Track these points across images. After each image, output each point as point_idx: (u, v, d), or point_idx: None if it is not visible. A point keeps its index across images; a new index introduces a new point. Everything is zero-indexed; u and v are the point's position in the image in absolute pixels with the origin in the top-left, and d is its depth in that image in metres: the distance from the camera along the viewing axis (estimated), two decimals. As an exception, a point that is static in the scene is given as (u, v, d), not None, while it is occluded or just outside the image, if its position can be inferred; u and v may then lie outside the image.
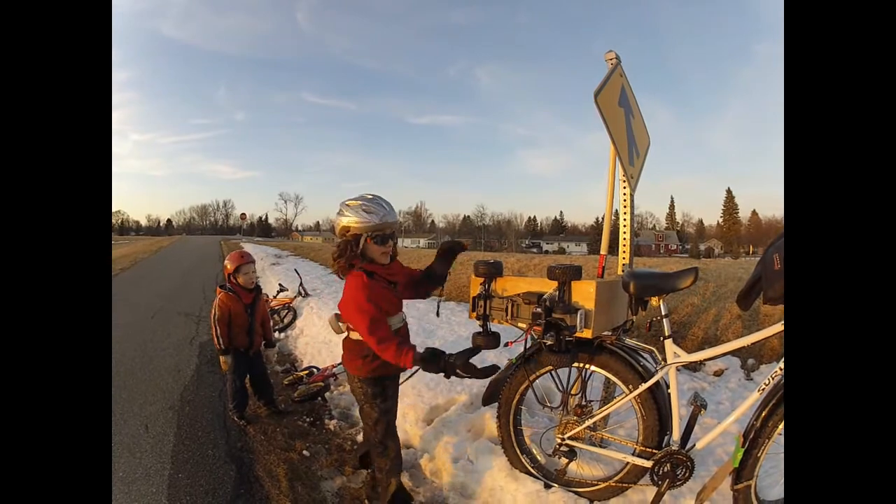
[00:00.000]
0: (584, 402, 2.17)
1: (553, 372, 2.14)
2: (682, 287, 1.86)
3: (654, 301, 1.95)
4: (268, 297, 5.54)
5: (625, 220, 2.49)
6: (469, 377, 1.87)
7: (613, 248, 2.57)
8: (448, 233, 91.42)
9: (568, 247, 75.30)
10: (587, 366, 2.08)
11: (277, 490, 2.41)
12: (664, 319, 1.93)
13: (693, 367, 3.63)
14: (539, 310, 1.94)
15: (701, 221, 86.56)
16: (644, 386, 1.92)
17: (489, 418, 2.70)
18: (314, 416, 3.42)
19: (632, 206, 2.48)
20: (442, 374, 1.88)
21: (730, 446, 1.83)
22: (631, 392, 1.95)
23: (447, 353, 1.91)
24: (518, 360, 2.20)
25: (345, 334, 2.12)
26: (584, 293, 1.93)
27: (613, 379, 2.06)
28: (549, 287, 2.00)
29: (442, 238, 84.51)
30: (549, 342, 1.90)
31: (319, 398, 3.65)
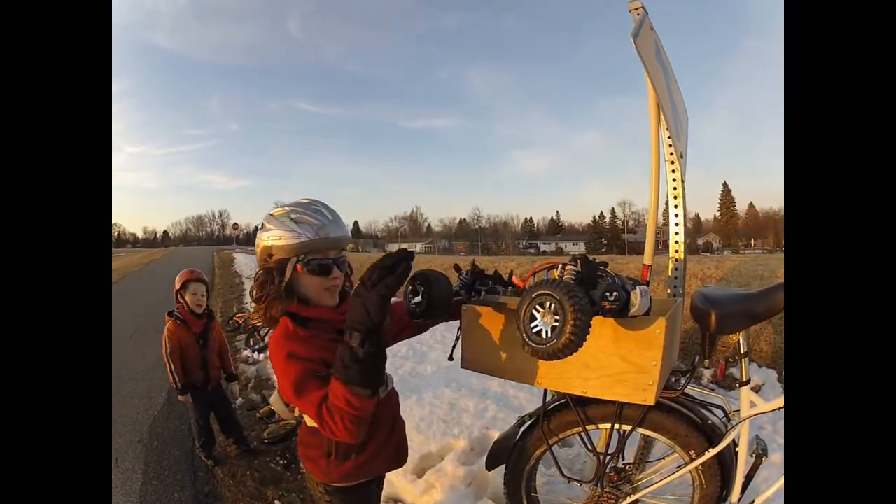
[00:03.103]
0: (620, 467, 1.77)
1: (585, 433, 1.72)
2: (776, 311, 1.44)
3: (733, 336, 1.53)
4: (248, 314, 5.41)
5: (676, 215, 1.97)
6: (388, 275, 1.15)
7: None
8: (445, 236, 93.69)
9: (566, 246, 78.09)
10: (633, 428, 1.64)
11: (241, 547, 2.26)
12: (743, 360, 1.55)
13: (727, 385, 3.39)
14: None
15: (697, 216, 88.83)
16: (711, 453, 1.53)
17: (495, 472, 2.33)
18: (289, 458, 3.19)
19: (683, 194, 1.96)
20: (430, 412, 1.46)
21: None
22: (693, 460, 1.56)
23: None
24: (533, 418, 1.83)
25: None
26: (646, 336, 1.35)
27: (669, 444, 1.63)
28: None
29: (439, 242, 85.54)
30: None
31: (294, 437, 3.47)
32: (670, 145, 1.88)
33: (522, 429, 1.87)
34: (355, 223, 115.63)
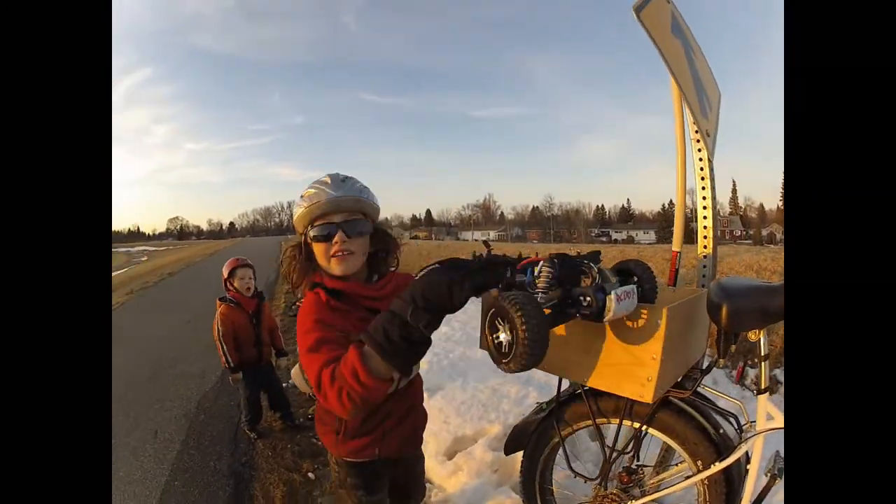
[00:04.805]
0: (634, 467, 1.67)
1: (595, 427, 1.67)
2: None
3: (752, 335, 1.38)
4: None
5: (703, 197, 1.86)
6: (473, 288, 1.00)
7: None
8: (518, 224, 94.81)
9: (636, 235, 77.87)
10: (642, 426, 1.57)
11: (269, 513, 2.40)
12: (763, 363, 1.42)
13: (743, 383, 3.22)
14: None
15: (762, 205, 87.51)
16: (719, 466, 1.43)
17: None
18: (331, 434, 3.39)
19: (711, 176, 1.84)
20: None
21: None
22: (699, 472, 1.47)
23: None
24: (549, 407, 1.81)
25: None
26: (646, 325, 1.31)
27: (678, 449, 1.56)
28: None
29: (512, 230, 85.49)
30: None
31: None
32: (694, 122, 1.76)
33: (540, 416, 1.84)
34: (427, 211, 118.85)
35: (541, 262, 1.21)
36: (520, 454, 1.94)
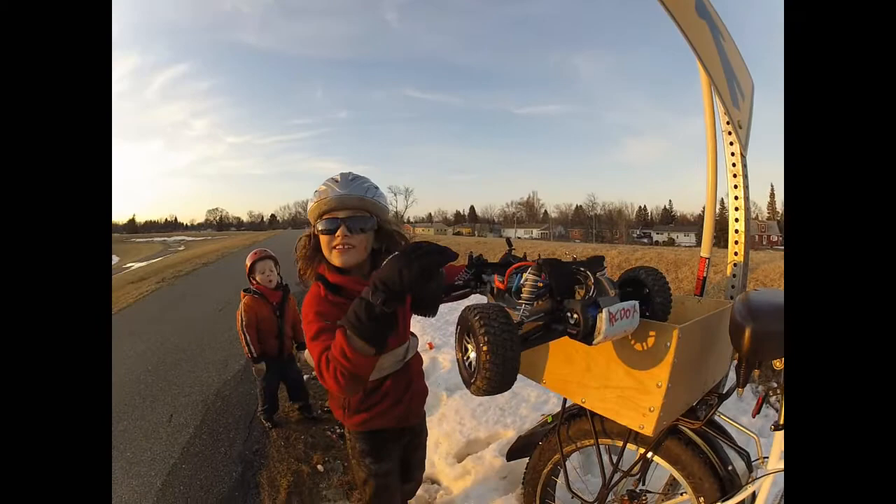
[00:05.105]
0: (638, 491, 1.59)
1: (597, 448, 1.59)
2: None
3: (777, 363, 1.18)
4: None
5: (736, 197, 1.69)
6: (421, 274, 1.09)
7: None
8: (561, 223, 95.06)
9: (677, 237, 76.75)
10: (646, 453, 1.49)
11: (272, 502, 2.41)
12: (783, 396, 1.26)
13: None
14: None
15: None
16: None
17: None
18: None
19: (744, 172, 1.67)
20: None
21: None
22: None
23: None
24: (554, 421, 1.73)
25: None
26: (652, 347, 1.18)
27: (682, 481, 1.45)
28: None
29: (555, 228, 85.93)
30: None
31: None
32: (725, 112, 1.62)
33: (545, 429, 1.78)
34: (471, 208, 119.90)
35: (529, 268, 1.12)
36: (527, 460, 1.88)
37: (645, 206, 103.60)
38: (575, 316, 1.06)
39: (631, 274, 1.34)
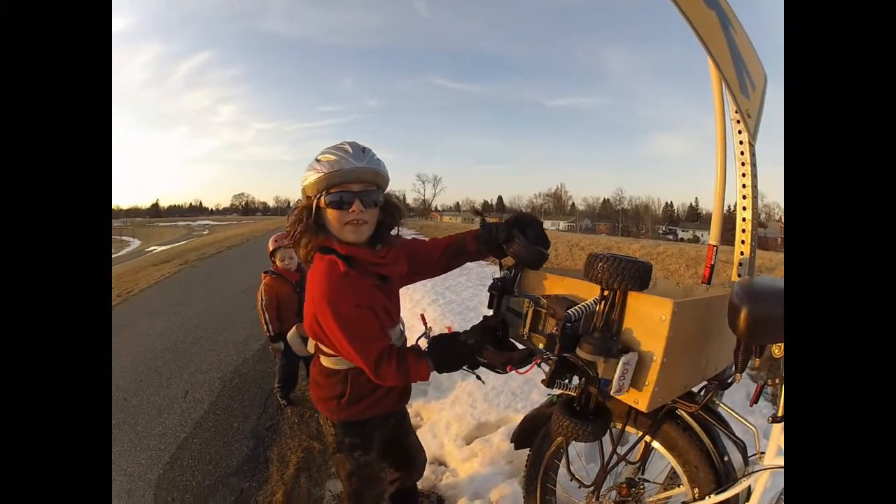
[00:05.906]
0: (637, 479, 1.59)
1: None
2: None
3: (776, 349, 1.16)
4: None
5: (743, 185, 1.68)
6: (501, 368, 1.37)
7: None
8: (588, 216, 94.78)
9: (702, 235, 75.12)
10: (644, 436, 1.48)
11: (280, 477, 2.48)
12: (783, 386, 1.20)
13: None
14: (556, 331, 1.26)
15: None
16: (714, 499, 1.31)
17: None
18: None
19: (752, 161, 1.66)
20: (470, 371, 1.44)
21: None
22: (695, 500, 1.36)
23: (461, 333, 1.45)
24: (559, 400, 1.66)
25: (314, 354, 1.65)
26: (647, 320, 1.17)
27: (678, 469, 1.43)
28: (591, 294, 1.31)
29: (581, 221, 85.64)
30: (556, 393, 1.43)
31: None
32: (733, 100, 1.58)
33: (550, 409, 1.74)
34: (499, 198, 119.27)
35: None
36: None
37: (671, 203, 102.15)
38: (566, 381, 1.36)
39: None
